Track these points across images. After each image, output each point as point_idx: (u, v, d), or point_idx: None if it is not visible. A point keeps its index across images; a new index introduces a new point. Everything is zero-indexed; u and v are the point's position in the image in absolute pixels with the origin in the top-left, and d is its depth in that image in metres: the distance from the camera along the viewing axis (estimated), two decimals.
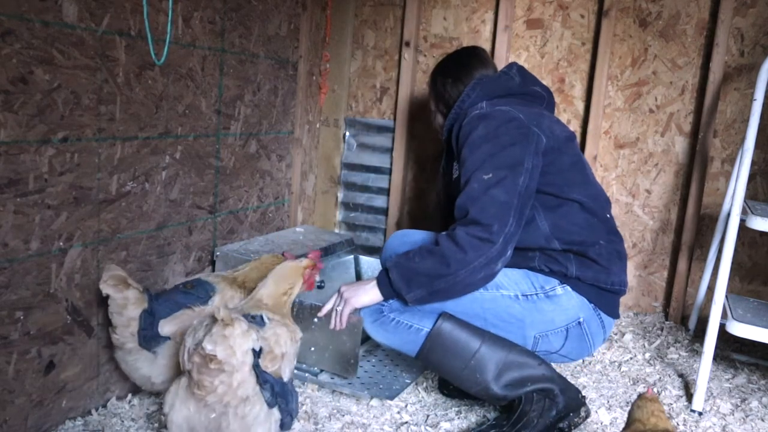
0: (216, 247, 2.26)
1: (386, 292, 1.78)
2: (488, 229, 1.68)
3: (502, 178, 1.72)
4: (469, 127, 1.83)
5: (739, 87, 2.48)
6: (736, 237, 1.97)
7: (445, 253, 1.69)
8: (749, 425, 1.92)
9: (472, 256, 1.67)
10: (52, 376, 1.72)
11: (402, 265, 1.74)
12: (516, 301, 1.80)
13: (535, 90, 2.00)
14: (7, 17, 1.48)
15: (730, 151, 2.52)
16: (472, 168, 1.76)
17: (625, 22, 2.58)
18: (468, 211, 1.71)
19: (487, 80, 1.96)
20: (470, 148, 1.79)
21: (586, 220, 1.83)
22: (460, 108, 1.95)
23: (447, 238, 1.72)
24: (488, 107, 1.87)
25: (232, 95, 2.27)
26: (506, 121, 1.79)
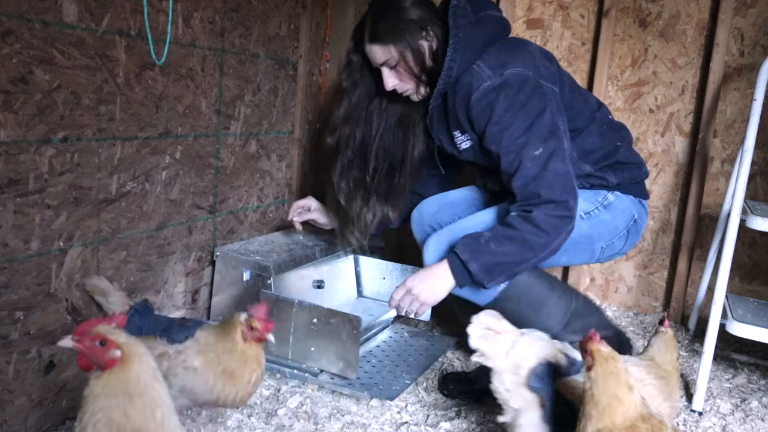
0: (216, 247, 2.26)
1: (463, 283, 1.79)
2: (566, 206, 1.71)
3: (552, 149, 1.73)
4: (486, 103, 1.78)
5: (739, 87, 2.48)
6: (736, 237, 1.97)
7: (527, 238, 1.70)
8: (749, 425, 1.92)
9: (555, 236, 1.72)
10: (52, 376, 1.72)
11: (480, 256, 1.73)
12: (582, 221, 1.86)
13: (492, 17, 1.91)
14: (7, 17, 1.48)
15: (730, 151, 2.52)
16: (516, 146, 1.74)
17: (625, 22, 2.58)
18: (538, 192, 1.71)
19: (463, 35, 1.81)
20: (501, 126, 1.76)
21: (599, 132, 1.92)
22: (448, 77, 1.84)
23: (524, 221, 1.72)
24: (495, 74, 1.78)
25: (232, 95, 2.28)
26: (522, 85, 1.76)
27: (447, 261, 1.80)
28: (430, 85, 1.90)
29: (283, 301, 2.03)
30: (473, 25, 1.83)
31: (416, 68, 1.85)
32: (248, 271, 2.14)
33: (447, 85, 1.86)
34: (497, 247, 1.73)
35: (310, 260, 2.33)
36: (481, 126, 1.81)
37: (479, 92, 1.78)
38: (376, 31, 1.85)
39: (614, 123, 2.03)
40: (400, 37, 1.82)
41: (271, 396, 1.98)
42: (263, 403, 1.93)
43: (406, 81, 1.89)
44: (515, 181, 1.75)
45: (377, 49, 1.85)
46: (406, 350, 2.32)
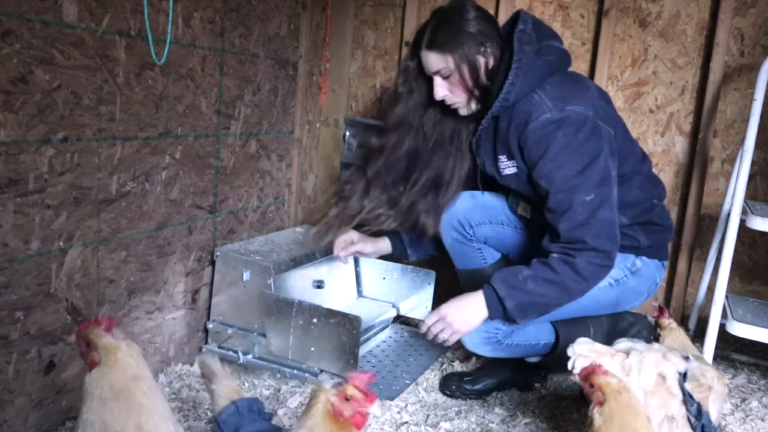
0: (216, 247, 2.26)
1: (496, 316, 1.81)
2: (608, 256, 1.74)
3: (603, 197, 1.74)
4: (542, 135, 1.75)
5: (739, 87, 2.48)
6: (736, 237, 1.97)
7: (567, 283, 1.74)
8: (749, 425, 1.92)
9: (593, 283, 1.77)
10: (52, 376, 1.72)
11: (518, 293, 1.76)
12: (611, 288, 1.91)
13: (555, 47, 1.88)
14: (7, 17, 1.48)
15: (730, 151, 2.52)
16: (568, 188, 1.74)
17: (625, 22, 2.57)
18: (583, 239, 1.72)
19: (526, 61, 1.78)
20: (555, 163, 1.75)
21: (640, 185, 1.92)
22: (506, 101, 1.80)
23: (566, 265, 1.73)
24: (555, 107, 1.75)
25: (232, 95, 2.27)
26: (581, 125, 1.75)
27: (483, 292, 1.81)
28: (482, 101, 1.88)
29: (283, 301, 2.03)
30: (536, 53, 1.81)
31: (470, 82, 1.83)
32: (248, 271, 2.14)
33: (503, 108, 1.83)
34: (535, 288, 1.75)
35: (310, 260, 2.33)
36: (533, 158, 1.78)
37: (537, 122, 1.76)
38: (434, 38, 1.82)
39: (654, 178, 2.02)
40: (458, 48, 1.79)
41: (271, 396, 1.98)
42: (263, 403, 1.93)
43: (456, 93, 1.86)
44: (562, 222, 1.75)
45: (433, 56, 1.83)
46: (406, 350, 2.32)
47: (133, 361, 1.14)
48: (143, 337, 2.01)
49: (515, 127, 1.81)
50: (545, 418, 1.93)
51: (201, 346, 2.21)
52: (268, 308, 2.05)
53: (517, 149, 1.83)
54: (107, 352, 1.12)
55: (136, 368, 1.13)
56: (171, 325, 2.11)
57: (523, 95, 1.79)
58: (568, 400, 2.04)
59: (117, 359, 1.12)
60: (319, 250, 2.39)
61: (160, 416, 1.12)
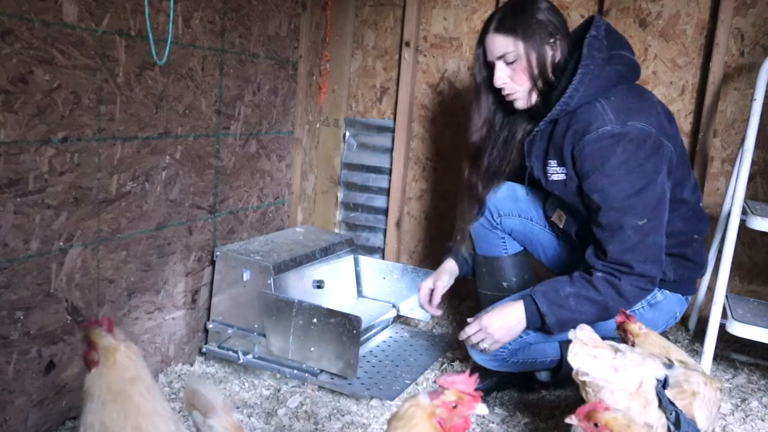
0: (216, 247, 2.26)
1: (533, 328, 1.82)
2: (652, 281, 1.74)
3: (655, 223, 1.71)
4: (600, 147, 1.70)
5: (739, 87, 2.48)
6: (736, 237, 1.97)
7: (609, 304, 1.73)
8: (749, 425, 1.92)
9: (633, 304, 1.77)
10: (52, 376, 1.72)
11: (558, 310, 1.75)
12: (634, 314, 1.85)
13: (625, 57, 1.82)
14: (7, 17, 1.48)
15: (730, 151, 2.52)
16: (622, 207, 1.69)
17: (625, 22, 2.57)
18: (631, 264, 1.70)
19: (593, 67, 1.73)
20: (611, 179, 1.70)
21: (684, 216, 1.87)
22: (567, 105, 1.74)
23: (610, 287, 1.72)
24: (617, 120, 1.70)
25: (232, 95, 2.27)
26: (643, 142, 1.69)
27: (523, 304, 1.80)
28: (542, 97, 1.82)
29: (283, 301, 2.03)
30: (605, 61, 1.76)
31: (536, 70, 1.77)
32: (248, 271, 2.14)
33: (563, 112, 1.77)
34: (576, 306, 1.74)
35: (310, 260, 2.33)
36: (587, 170, 1.73)
37: (597, 134, 1.70)
38: (504, 21, 1.77)
39: (700, 211, 1.94)
40: (528, 33, 1.74)
41: (271, 396, 1.98)
42: (263, 403, 1.93)
43: (517, 82, 1.80)
44: (611, 243, 1.71)
45: (500, 39, 1.77)
46: (406, 350, 2.32)
47: (131, 363, 1.13)
48: (143, 337, 2.01)
49: (572, 135, 1.75)
50: (545, 418, 1.93)
51: (201, 346, 2.21)
52: (268, 308, 2.05)
53: (570, 158, 1.78)
54: (106, 352, 1.12)
55: (133, 370, 1.13)
56: (171, 325, 2.11)
57: (586, 102, 1.73)
58: (568, 400, 2.04)
59: (115, 360, 1.12)
60: (319, 249, 2.39)
61: (159, 417, 1.11)
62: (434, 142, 2.85)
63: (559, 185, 1.86)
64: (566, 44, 1.80)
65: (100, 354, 1.12)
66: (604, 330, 1.75)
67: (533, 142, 1.91)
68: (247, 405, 1.91)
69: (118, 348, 1.14)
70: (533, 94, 1.82)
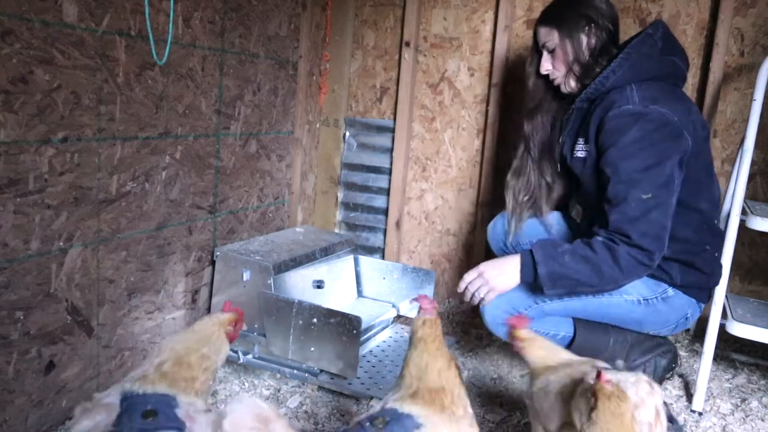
0: (216, 247, 2.26)
1: (526, 279, 1.85)
2: (650, 256, 1.74)
3: (660, 201, 1.74)
4: (619, 125, 1.78)
5: (739, 87, 2.48)
6: (736, 237, 1.96)
7: (602, 267, 1.75)
8: (749, 425, 1.92)
9: (626, 277, 1.78)
10: (52, 376, 1.72)
11: (552, 263, 1.79)
12: (638, 306, 1.91)
13: (675, 63, 1.92)
14: (7, 17, 1.48)
15: (730, 151, 2.52)
16: (629, 180, 1.75)
17: (625, 22, 2.57)
18: (630, 234, 1.74)
19: (636, 57, 1.84)
20: (623, 153, 1.76)
21: (696, 226, 1.89)
22: (602, 84, 1.86)
23: (606, 251, 1.75)
24: (641, 103, 1.78)
25: (232, 95, 2.27)
26: (662, 126, 1.76)
27: (520, 255, 1.86)
28: (581, 80, 1.94)
29: (283, 301, 2.03)
30: (650, 58, 1.86)
31: (570, 56, 1.92)
32: (248, 271, 2.14)
33: (597, 92, 1.89)
34: (570, 262, 1.78)
35: (310, 260, 2.33)
36: (605, 145, 1.81)
37: (618, 111, 1.79)
38: (546, 13, 1.97)
39: (714, 227, 1.97)
40: (564, 23, 1.90)
41: (271, 396, 1.98)
42: None
43: (558, 68, 1.96)
44: (614, 213, 1.77)
45: (543, 30, 1.96)
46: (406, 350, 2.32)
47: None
48: (143, 337, 2.01)
49: (599, 112, 1.86)
50: None
51: None
52: (268, 308, 2.05)
53: (594, 134, 1.87)
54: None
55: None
56: (171, 325, 2.11)
57: (619, 86, 1.84)
58: None
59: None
60: (319, 249, 2.39)
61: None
62: (434, 142, 2.85)
63: (580, 163, 1.94)
64: (605, 33, 1.91)
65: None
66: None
67: (569, 119, 2.02)
68: None
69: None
70: (570, 78, 1.96)
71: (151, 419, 1.15)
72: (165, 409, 1.18)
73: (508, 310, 1.90)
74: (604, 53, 1.91)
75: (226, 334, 1.45)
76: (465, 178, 2.82)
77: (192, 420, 1.18)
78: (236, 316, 1.51)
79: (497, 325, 1.92)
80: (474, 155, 2.79)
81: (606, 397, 1.10)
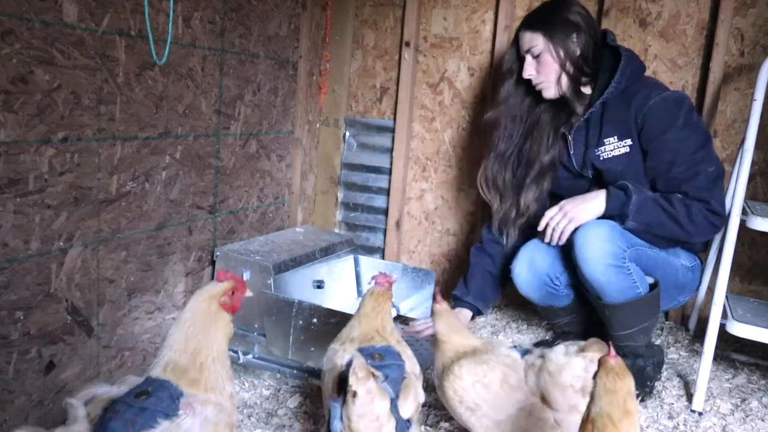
0: (216, 247, 2.26)
1: (614, 208, 1.93)
2: (720, 219, 1.94)
3: (721, 171, 1.97)
4: (666, 110, 1.94)
5: (739, 87, 2.48)
6: (736, 237, 1.96)
7: (679, 219, 1.91)
8: (749, 425, 1.92)
9: (697, 233, 1.94)
10: (52, 376, 1.72)
11: (643, 194, 1.92)
12: (687, 272, 2.09)
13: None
14: (7, 17, 1.48)
15: (730, 151, 2.52)
16: (694, 159, 1.92)
17: (625, 22, 2.57)
18: (708, 200, 1.91)
19: (632, 57, 2.02)
20: (679, 137, 1.93)
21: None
22: (619, 83, 1.98)
23: (683, 206, 1.91)
24: (671, 90, 1.98)
25: (232, 95, 2.27)
26: (692, 109, 1.98)
27: (606, 190, 1.96)
28: (572, 82, 2.02)
29: (283, 301, 2.03)
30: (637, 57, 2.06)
31: (558, 61, 2.00)
32: (248, 271, 2.14)
33: (616, 91, 1.99)
34: (654, 204, 1.92)
35: (310, 260, 2.33)
36: (656, 132, 1.95)
37: (661, 98, 1.95)
38: (532, 18, 2.05)
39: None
40: (552, 30, 1.98)
41: (271, 396, 1.98)
42: (263, 403, 1.93)
43: (542, 73, 2.02)
44: (688, 187, 1.92)
45: (528, 35, 2.02)
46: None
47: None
48: (143, 337, 2.01)
49: (636, 105, 1.96)
50: None
51: None
52: (268, 308, 2.05)
53: (635, 126, 1.98)
54: None
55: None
56: (171, 326, 2.11)
57: (635, 81, 1.99)
58: None
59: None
60: (319, 249, 2.39)
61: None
62: (434, 142, 2.85)
63: (621, 159, 2.01)
64: (591, 41, 2.02)
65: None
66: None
67: (585, 126, 2.07)
68: (247, 405, 1.91)
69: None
70: (562, 81, 2.03)
71: (144, 398, 1.15)
72: (160, 393, 1.17)
73: (619, 253, 1.91)
74: (593, 57, 2.02)
75: (222, 305, 1.33)
76: (465, 178, 2.82)
77: (192, 410, 1.17)
78: (233, 284, 1.36)
79: (605, 265, 1.90)
80: (474, 155, 2.79)
81: (605, 371, 1.11)
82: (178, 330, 1.30)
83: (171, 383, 1.21)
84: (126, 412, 1.13)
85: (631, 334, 1.99)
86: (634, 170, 2.01)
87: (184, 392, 1.20)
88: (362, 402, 1.23)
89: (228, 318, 1.34)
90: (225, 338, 1.32)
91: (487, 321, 2.62)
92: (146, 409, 1.13)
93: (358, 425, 1.25)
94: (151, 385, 1.19)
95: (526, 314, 2.67)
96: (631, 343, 2.01)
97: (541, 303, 2.18)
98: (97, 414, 1.14)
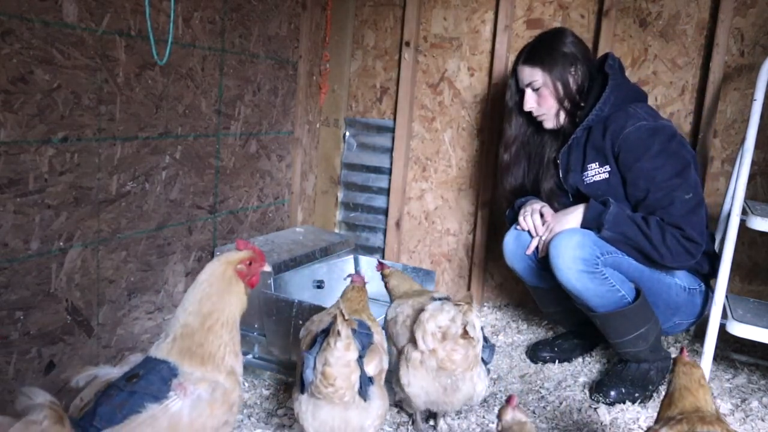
0: (216, 247, 2.26)
1: (591, 216, 1.97)
2: (695, 247, 1.92)
3: (699, 199, 1.95)
4: (639, 138, 1.95)
5: (739, 87, 2.48)
6: (736, 237, 1.96)
7: (654, 240, 1.90)
8: (749, 425, 1.92)
9: (670, 259, 1.92)
10: (52, 376, 1.72)
11: (621, 209, 1.94)
12: (683, 292, 2.06)
13: (639, 87, 2.16)
14: (7, 17, 1.48)
15: (730, 151, 2.52)
16: (669, 186, 1.92)
17: (625, 22, 2.57)
18: (683, 228, 1.90)
19: (620, 81, 2.05)
20: (654, 165, 1.94)
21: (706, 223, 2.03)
22: (601, 110, 2.02)
23: (659, 229, 1.90)
24: (651, 118, 1.98)
25: (232, 95, 2.28)
26: (672, 137, 1.96)
27: (585, 205, 2.01)
28: (569, 116, 2.09)
29: (283, 301, 2.03)
30: (627, 83, 2.09)
31: (559, 94, 2.06)
32: None
33: (597, 118, 2.03)
34: (631, 221, 1.93)
35: (310, 260, 2.33)
36: (630, 160, 1.97)
37: (635, 128, 1.96)
38: (530, 54, 2.09)
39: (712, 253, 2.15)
40: (549, 64, 2.05)
41: (271, 396, 1.98)
42: (263, 403, 1.93)
43: (543, 106, 2.10)
44: (664, 215, 1.92)
45: (527, 70, 2.08)
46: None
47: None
48: (143, 337, 2.01)
49: (611, 134, 1.99)
50: (546, 419, 1.93)
51: None
52: (268, 308, 2.05)
53: (612, 154, 2.01)
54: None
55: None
56: None
57: (618, 109, 2.01)
58: (568, 400, 2.04)
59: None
60: (319, 249, 2.39)
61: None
62: (434, 142, 2.85)
63: (602, 185, 2.05)
64: (587, 69, 2.08)
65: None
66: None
67: (568, 152, 2.13)
68: (247, 405, 1.91)
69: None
70: (561, 115, 2.10)
71: (134, 381, 1.15)
72: (151, 375, 1.16)
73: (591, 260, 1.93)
74: (590, 87, 2.07)
75: (238, 272, 1.30)
76: (465, 178, 2.82)
77: (184, 390, 1.16)
78: (251, 254, 1.33)
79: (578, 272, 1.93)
80: (474, 155, 2.79)
81: (682, 364, 1.36)
82: (194, 292, 1.30)
83: (167, 363, 1.19)
84: (116, 397, 1.12)
85: (629, 340, 2.00)
86: (613, 195, 2.03)
87: (179, 371, 1.18)
88: (342, 345, 1.36)
89: (243, 287, 1.32)
90: (238, 306, 1.30)
91: (487, 321, 2.62)
92: (135, 393, 1.13)
93: (332, 369, 1.36)
94: (144, 367, 1.19)
95: (526, 314, 2.67)
96: (631, 349, 2.02)
97: (525, 278, 2.23)
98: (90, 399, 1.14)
